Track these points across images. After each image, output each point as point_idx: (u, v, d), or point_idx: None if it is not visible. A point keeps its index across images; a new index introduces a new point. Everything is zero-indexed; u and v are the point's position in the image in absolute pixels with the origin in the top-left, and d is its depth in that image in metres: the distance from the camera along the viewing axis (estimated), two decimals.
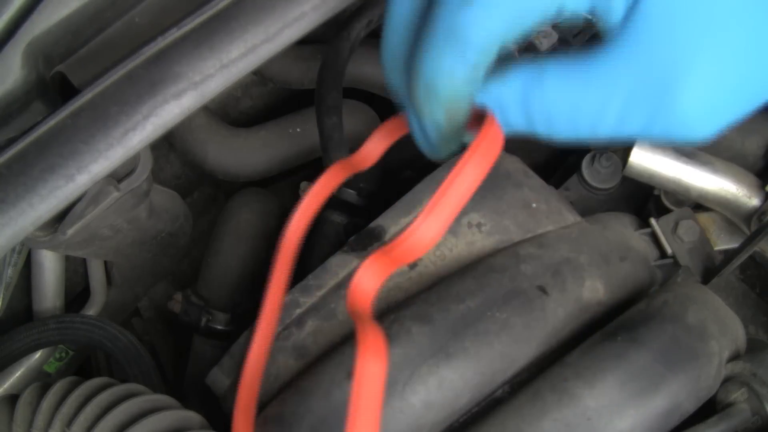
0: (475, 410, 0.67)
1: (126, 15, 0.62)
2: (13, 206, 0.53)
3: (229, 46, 0.56)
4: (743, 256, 0.77)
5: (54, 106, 0.58)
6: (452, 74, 0.46)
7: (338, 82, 0.86)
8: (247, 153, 1.09)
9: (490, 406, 0.67)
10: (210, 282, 1.03)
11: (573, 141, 0.49)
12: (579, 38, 0.96)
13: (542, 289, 0.68)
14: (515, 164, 0.80)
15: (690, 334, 0.66)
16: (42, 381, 0.72)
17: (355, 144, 0.76)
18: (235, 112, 1.19)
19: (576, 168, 1.00)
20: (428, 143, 0.53)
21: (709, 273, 0.82)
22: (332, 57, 0.88)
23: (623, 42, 0.44)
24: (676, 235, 0.83)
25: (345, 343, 0.68)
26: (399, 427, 0.63)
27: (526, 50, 0.97)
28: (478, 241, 0.74)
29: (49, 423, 0.67)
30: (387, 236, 0.74)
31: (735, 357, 0.70)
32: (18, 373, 0.97)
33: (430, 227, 0.54)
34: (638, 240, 0.83)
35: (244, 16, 0.56)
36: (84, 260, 1.03)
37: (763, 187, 0.82)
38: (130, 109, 0.54)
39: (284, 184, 1.19)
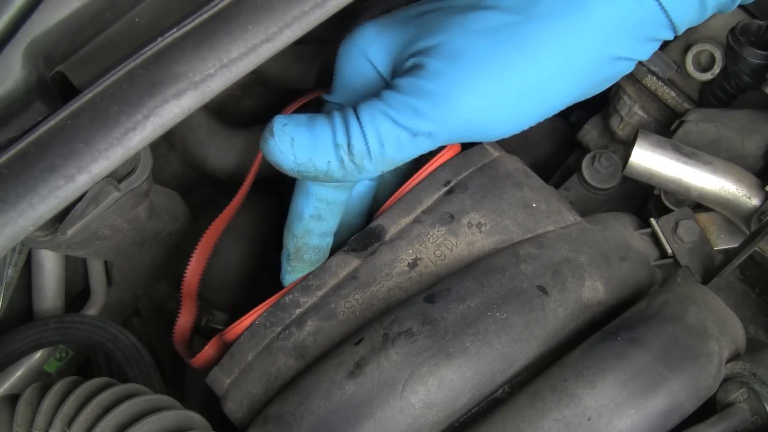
0: (475, 410, 0.67)
1: (126, 15, 0.62)
2: (13, 206, 0.53)
3: (229, 46, 0.56)
4: (743, 256, 0.77)
5: (54, 106, 0.58)
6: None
7: None
8: (247, 153, 1.09)
9: (490, 406, 0.67)
10: (210, 282, 1.03)
11: None
12: None
13: (542, 289, 0.68)
14: (515, 164, 0.80)
15: (690, 334, 0.66)
16: (42, 381, 0.72)
17: None
18: (235, 112, 1.18)
19: (576, 168, 1.00)
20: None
21: (709, 273, 0.82)
22: (330, 61, 0.88)
23: None
24: (676, 235, 0.83)
25: (345, 343, 0.68)
26: (399, 427, 0.64)
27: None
28: (478, 241, 0.74)
29: (50, 423, 0.67)
30: (387, 236, 0.74)
31: (735, 357, 0.70)
32: (18, 373, 0.97)
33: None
34: (638, 240, 0.83)
35: (244, 16, 0.56)
36: (84, 260, 1.03)
37: (763, 187, 0.82)
38: (130, 109, 0.54)
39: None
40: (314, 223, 0.73)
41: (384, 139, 0.62)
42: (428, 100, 0.62)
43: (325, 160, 0.63)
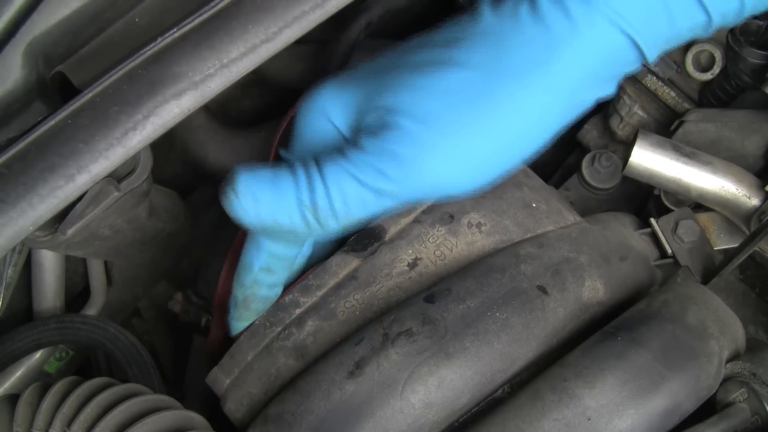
0: (475, 410, 0.67)
1: (126, 15, 0.62)
2: (13, 206, 0.53)
3: (229, 46, 0.56)
4: (743, 256, 0.77)
5: (54, 106, 0.58)
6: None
7: None
8: (247, 153, 1.09)
9: (490, 406, 0.67)
10: (210, 282, 1.03)
11: None
12: None
13: (542, 289, 0.68)
14: None
15: (690, 334, 0.66)
16: (42, 381, 0.72)
17: None
18: (235, 112, 1.19)
19: (576, 168, 1.00)
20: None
21: (709, 273, 0.82)
22: (330, 62, 0.88)
23: None
24: (676, 235, 0.83)
25: (345, 343, 0.68)
26: (399, 427, 0.64)
27: None
28: (478, 241, 0.74)
29: (50, 423, 0.67)
30: (387, 236, 0.74)
31: (735, 357, 0.70)
32: (18, 373, 0.97)
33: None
34: (638, 240, 0.83)
35: (244, 16, 0.56)
36: (84, 260, 1.03)
37: (763, 187, 0.82)
38: (130, 109, 0.54)
39: None
40: (263, 275, 0.72)
41: (348, 199, 0.62)
42: (394, 162, 0.61)
43: (288, 218, 0.62)
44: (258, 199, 0.62)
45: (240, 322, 0.75)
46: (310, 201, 0.62)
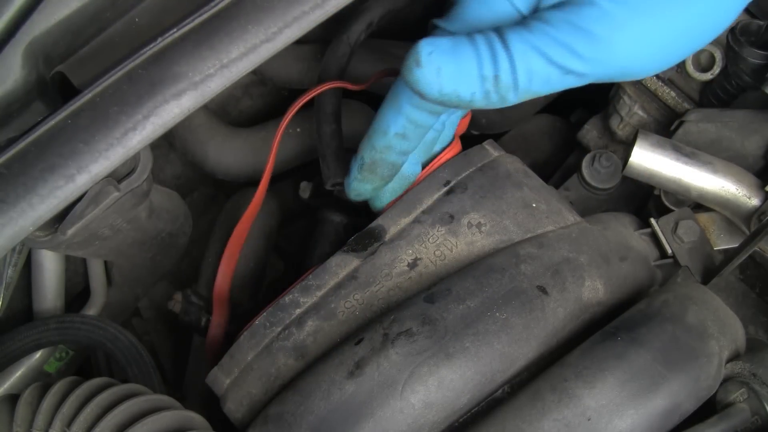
0: (475, 410, 0.67)
1: (126, 15, 0.62)
2: (13, 206, 0.53)
3: (229, 46, 0.56)
4: (743, 256, 0.77)
5: (54, 106, 0.58)
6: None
7: (337, 88, 0.85)
8: (247, 153, 1.09)
9: (490, 406, 0.67)
10: (210, 282, 1.03)
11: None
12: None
13: (542, 289, 0.68)
14: (515, 164, 0.80)
15: (690, 334, 0.66)
16: (42, 381, 0.72)
17: (354, 144, 0.76)
18: (235, 112, 1.19)
19: (576, 168, 1.00)
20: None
21: (709, 273, 0.82)
22: (331, 62, 0.88)
23: None
24: (676, 235, 0.83)
25: (345, 343, 0.68)
26: (399, 427, 0.64)
27: None
28: (478, 241, 0.74)
29: (50, 423, 0.67)
30: (387, 236, 0.74)
31: (735, 357, 0.70)
32: (18, 373, 0.97)
33: None
34: (638, 240, 0.83)
35: (244, 16, 0.56)
36: (84, 260, 1.03)
37: (763, 187, 0.82)
38: (130, 109, 0.54)
39: (284, 184, 1.19)
40: (397, 141, 0.71)
41: (533, 76, 0.60)
42: (586, 40, 0.59)
43: (470, 91, 0.61)
44: (441, 70, 0.61)
45: (363, 183, 0.75)
46: (492, 74, 0.60)
